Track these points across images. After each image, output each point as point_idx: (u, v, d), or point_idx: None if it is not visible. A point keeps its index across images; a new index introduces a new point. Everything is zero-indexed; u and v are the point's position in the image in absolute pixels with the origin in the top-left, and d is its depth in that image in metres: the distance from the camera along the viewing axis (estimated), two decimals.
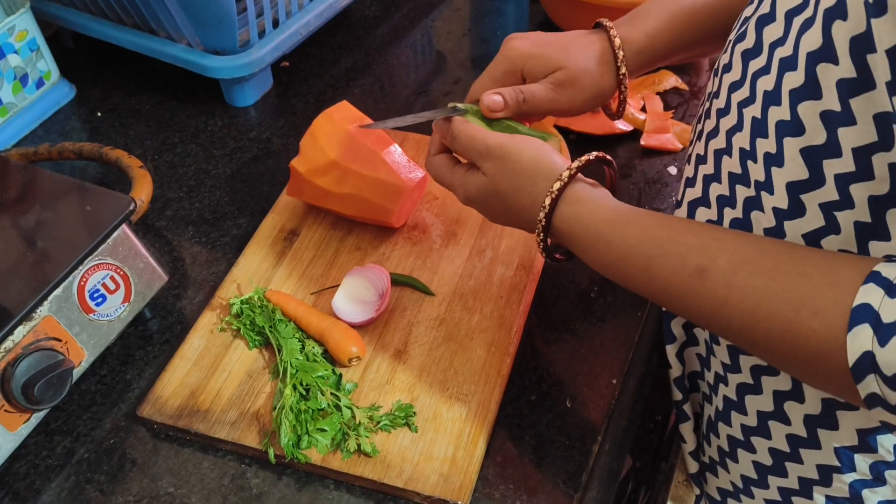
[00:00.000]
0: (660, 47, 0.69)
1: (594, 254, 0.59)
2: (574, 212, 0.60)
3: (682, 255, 0.54)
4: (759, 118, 0.54)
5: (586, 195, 0.60)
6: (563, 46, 0.69)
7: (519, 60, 0.69)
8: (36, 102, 0.99)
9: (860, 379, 0.44)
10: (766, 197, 0.54)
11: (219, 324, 0.74)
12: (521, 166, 0.62)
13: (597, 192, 0.61)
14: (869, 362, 0.43)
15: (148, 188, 0.79)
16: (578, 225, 0.59)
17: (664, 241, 0.55)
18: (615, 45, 0.68)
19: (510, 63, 0.69)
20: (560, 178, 0.60)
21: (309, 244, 0.81)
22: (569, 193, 0.60)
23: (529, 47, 0.69)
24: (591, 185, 0.61)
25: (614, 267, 0.58)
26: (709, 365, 0.69)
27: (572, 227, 0.60)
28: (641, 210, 0.59)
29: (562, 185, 0.59)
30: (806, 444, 0.61)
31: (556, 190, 0.59)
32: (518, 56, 0.69)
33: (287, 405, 0.65)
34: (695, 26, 0.69)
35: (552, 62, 0.68)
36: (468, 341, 0.72)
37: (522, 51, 0.69)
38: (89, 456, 0.67)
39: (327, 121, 0.78)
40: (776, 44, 0.53)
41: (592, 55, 0.69)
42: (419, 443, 0.65)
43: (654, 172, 0.91)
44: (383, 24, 1.16)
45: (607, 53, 0.69)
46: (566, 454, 0.66)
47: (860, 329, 0.44)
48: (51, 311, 0.65)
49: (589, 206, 0.59)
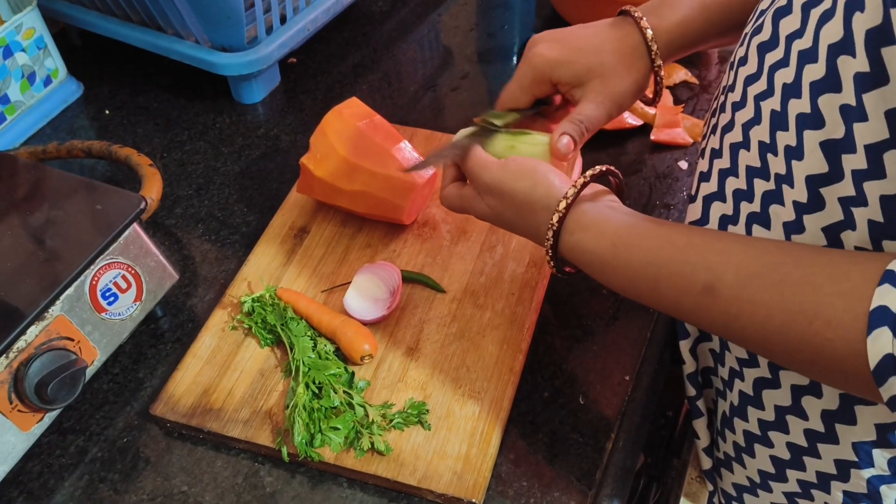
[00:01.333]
0: (691, 36, 0.68)
1: (602, 278, 0.60)
2: (577, 241, 0.59)
3: (687, 274, 0.53)
4: (779, 111, 0.53)
5: (588, 220, 0.59)
6: (593, 49, 0.67)
7: (547, 68, 0.68)
8: (43, 101, 0.99)
9: (882, 381, 0.43)
10: (786, 190, 0.53)
11: (230, 322, 0.74)
12: (518, 199, 0.62)
13: (600, 213, 0.59)
14: (891, 364, 0.42)
15: (158, 186, 0.79)
16: (583, 254, 0.59)
17: (668, 262, 0.55)
18: (647, 38, 0.67)
19: (537, 72, 0.68)
20: (557, 210, 0.59)
21: (319, 242, 0.81)
22: (570, 223, 0.60)
23: (557, 54, 0.68)
24: (593, 205, 0.60)
25: (624, 289, 0.59)
26: (723, 360, 0.68)
27: (577, 255, 0.60)
28: (645, 225, 0.58)
29: (560, 217, 0.59)
30: (823, 439, 0.60)
31: (555, 223, 0.59)
32: (545, 64, 0.68)
33: (300, 403, 0.65)
34: (724, 14, 0.67)
35: (584, 69, 0.67)
36: (480, 338, 0.72)
37: (550, 58, 0.68)
38: (102, 455, 0.67)
39: (337, 117, 0.78)
40: (794, 36, 0.52)
41: (625, 52, 0.67)
42: (432, 441, 0.65)
43: (664, 167, 0.90)
44: (390, 20, 1.16)
45: (639, 46, 0.67)
46: (580, 451, 0.66)
47: (880, 332, 0.43)
48: (63, 311, 0.65)
49: (592, 234, 0.59)
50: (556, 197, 0.60)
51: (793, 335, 0.48)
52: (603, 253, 0.58)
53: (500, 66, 1.08)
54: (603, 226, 0.59)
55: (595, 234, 0.58)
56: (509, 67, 1.08)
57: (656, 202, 0.86)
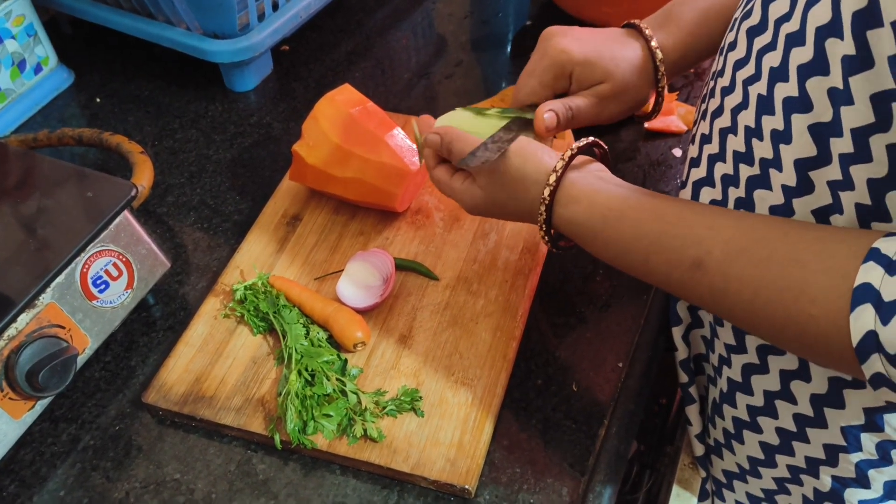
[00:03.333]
0: (695, 51, 0.70)
1: (594, 249, 0.60)
2: (570, 213, 0.60)
3: (677, 249, 0.53)
4: (766, 95, 0.53)
5: (578, 192, 0.59)
6: (611, 54, 0.69)
7: (569, 65, 0.69)
8: (34, 88, 0.98)
9: (864, 359, 0.43)
10: (774, 174, 0.54)
11: (222, 310, 0.74)
12: (509, 176, 0.62)
13: (591, 185, 0.60)
14: (872, 342, 0.43)
15: (149, 174, 0.79)
16: (576, 226, 0.60)
17: (659, 236, 0.55)
18: (657, 58, 0.69)
19: (561, 68, 0.69)
20: (549, 184, 0.59)
21: (312, 229, 0.81)
22: (561, 196, 0.60)
23: (583, 54, 0.68)
24: (583, 176, 0.60)
25: (616, 261, 0.59)
26: (713, 347, 0.68)
27: (570, 227, 0.60)
28: (636, 198, 0.58)
29: (551, 190, 0.59)
30: (812, 423, 0.61)
31: (547, 196, 0.60)
32: (569, 61, 0.68)
33: (292, 391, 0.65)
34: (726, 25, 0.68)
35: (600, 73, 0.68)
36: (473, 326, 0.72)
37: (575, 57, 0.68)
38: (95, 443, 0.67)
39: (329, 104, 0.77)
40: (782, 20, 0.52)
41: (635, 66, 0.69)
42: (425, 428, 0.65)
43: (658, 155, 0.90)
44: (384, 7, 1.15)
45: (647, 63, 0.69)
46: (573, 438, 0.66)
47: (862, 309, 0.43)
48: (54, 299, 0.65)
49: (583, 206, 0.59)
50: (545, 171, 0.60)
51: (778, 312, 0.48)
52: (594, 225, 0.58)
53: (494, 54, 1.08)
54: (594, 197, 0.59)
55: (586, 206, 0.59)
56: (504, 55, 1.08)
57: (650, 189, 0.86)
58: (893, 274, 0.42)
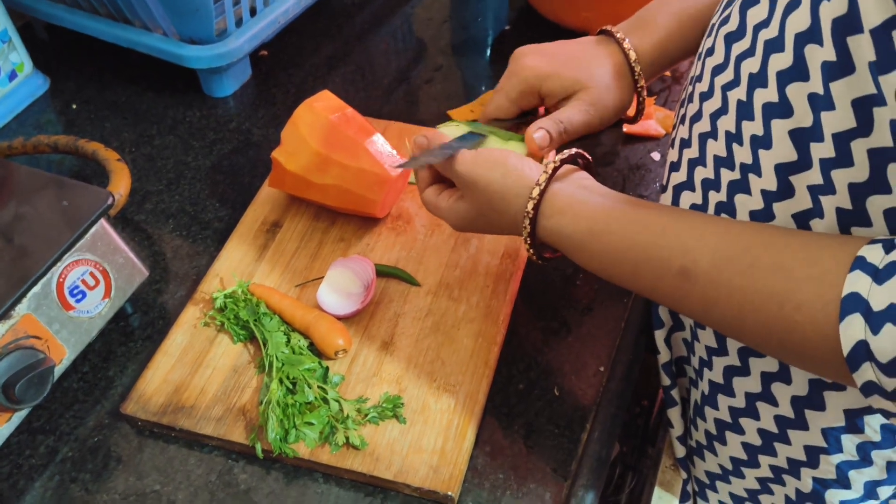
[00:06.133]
0: (670, 54, 0.70)
1: (581, 261, 0.60)
2: (554, 225, 0.59)
3: (664, 259, 0.53)
4: (745, 101, 0.54)
5: (563, 204, 0.59)
6: (579, 64, 0.68)
7: (536, 81, 0.68)
8: (9, 95, 0.97)
9: (856, 368, 0.43)
10: (753, 179, 0.54)
11: (202, 318, 0.73)
12: (491, 190, 0.62)
13: (574, 197, 0.59)
14: (863, 351, 0.43)
15: (126, 181, 0.78)
16: (562, 238, 0.59)
17: (646, 247, 0.55)
18: (630, 59, 0.69)
19: (526, 84, 0.69)
20: (532, 197, 0.59)
21: (292, 236, 0.80)
22: (545, 208, 0.60)
23: (546, 66, 0.68)
24: (566, 186, 0.60)
25: (603, 272, 0.59)
26: (693, 350, 0.69)
27: (556, 239, 0.60)
28: (621, 208, 0.58)
29: (535, 203, 0.59)
30: (793, 424, 0.61)
31: (531, 210, 0.59)
32: (534, 76, 0.68)
33: (274, 399, 0.65)
34: (700, 27, 0.69)
35: (572, 82, 0.68)
36: (455, 332, 0.72)
37: (539, 70, 0.68)
38: (73, 454, 0.66)
39: (309, 110, 0.77)
40: (760, 26, 0.52)
41: (610, 70, 0.69)
42: (408, 435, 0.65)
43: (637, 159, 0.91)
44: (363, 12, 1.15)
45: (623, 67, 0.69)
46: (555, 442, 0.66)
47: (852, 318, 0.43)
48: (29, 309, 0.64)
49: (568, 218, 0.59)
50: (527, 185, 0.60)
51: (764, 319, 0.48)
52: (581, 237, 0.58)
53: (473, 59, 1.08)
54: (578, 209, 0.59)
55: (571, 218, 0.59)
56: (483, 60, 1.08)
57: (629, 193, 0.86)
58: (881, 283, 0.42)
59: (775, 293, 0.47)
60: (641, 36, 0.70)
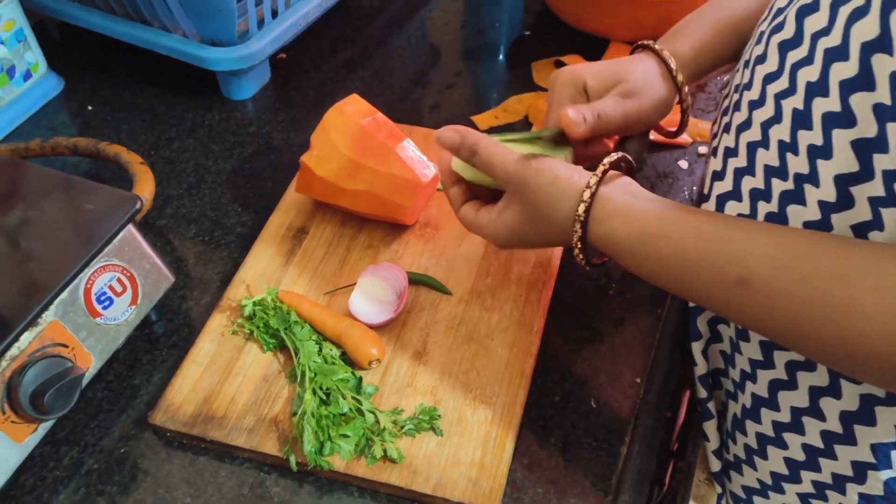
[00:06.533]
0: (705, 59, 0.71)
1: (632, 266, 0.59)
2: (605, 230, 0.58)
3: (719, 265, 0.52)
4: (802, 110, 0.53)
5: (614, 208, 0.58)
6: (617, 64, 0.70)
7: (580, 79, 0.69)
8: (23, 96, 0.95)
9: None
10: (809, 190, 0.53)
11: (230, 326, 0.71)
12: (541, 192, 0.61)
13: (624, 201, 0.58)
14: None
15: (150, 185, 0.76)
16: (612, 242, 0.58)
17: (700, 253, 0.54)
18: (664, 57, 0.69)
19: (572, 86, 0.69)
20: (583, 200, 0.58)
21: (319, 242, 0.78)
22: (596, 212, 0.59)
23: (586, 67, 0.70)
24: (615, 191, 0.59)
25: (654, 278, 0.58)
26: (734, 362, 0.68)
27: (607, 244, 0.59)
28: (672, 213, 0.57)
29: (586, 206, 0.58)
30: (841, 440, 0.60)
31: (582, 213, 0.58)
32: (578, 76, 0.69)
33: (308, 410, 0.63)
34: (736, 35, 0.70)
35: (612, 75, 0.69)
36: (489, 341, 0.70)
37: (579, 72, 0.69)
38: (99, 466, 0.64)
39: (339, 115, 0.76)
40: (820, 34, 0.51)
41: (648, 69, 0.70)
42: (445, 447, 0.63)
43: (664, 167, 0.90)
44: (381, 15, 1.13)
45: (663, 70, 0.70)
46: (594, 455, 0.65)
47: None
48: (57, 316, 0.62)
49: (618, 222, 0.58)
50: (577, 189, 0.59)
51: (827, 330, 0.47)
52: (633, 241, 0.57)
53: (493, 64, 1.07)
54: (629, 213, 0.58)
55: (622, 222, 0.57)
56: (501, 65, 1.07)
57: None
58: None
59: (838, 303, 0.46)
60: (675, 44, 0.71)
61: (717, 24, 0.71)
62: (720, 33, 0.71)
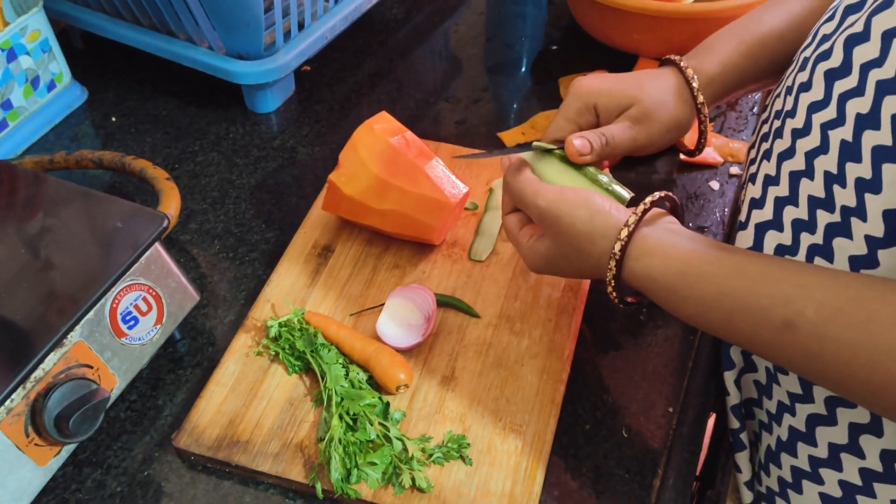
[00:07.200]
0: (731, 77, 0.69)
1: (671, 307, 0.57)
2: (643, 267, 0.57)
3: (765, 308, 0.51)
4: (850, 142, 0.51)
5: (653, 246, 0.57)
6: (635, 82, 0.68)
7: (590, 98, 0.68)
8: (47, 106, 0.94)
9: None
10: (856, 223, 0.51)
11: (255, 347, 0.70)
12: (576, 227, 0.60)
13: (664, 240, 0.57)
14: None
15: (176, 201, 0.75)
16: (651, 281, 0.57)
17: (743, 294, 0.52)
18: (688, 76, 0.68)
19: (582, 102, 0.68)
20: (620, 239, 0.57)
21: (345, 261, 0.77)
22: (634, 249, 0.58)
23: (600, 84, 0.68)
24: (655, 230, 0.58)
25: (694, 319, 0.56)
26: (770, 394, 0.66)
27: (643, 282, 0.58)
28: (714, 253, 0.55)
29: (623, 244, 0.57)
30: (881, 478, 0.58)
31: (618, 251, 0.57)
32: (589, 93, 0.68)
33: (336, 437, 0.62)
34: (765, 54, 0.68)
35: (625, 97, 0.67)
36: (518, 368, 0.69)
37: (593, 88, 0.68)
38: (122, 489, 0.63)
39: (368, 133, 0.74)
40: (871, 65, 0.50)
41: (666, 88, 0.68)
42: (474, 477, 0.62)
43: (695, 187, 0.88)
44: (405, 28, 1.12)
45: (681, 86, 0.68)
46: (626, 488, 0.63)
47: None
48: (82, 336, 0.61)
49: (658, 260, 0.57)
50: (615, 225, 0.58)
51: (879, 377, 0.46)
52: (672, 281, 0.56)
53: (520, 79, 1.05)
54: (668, 252, 0.56)
55: (661, 261, 0.56)
56: (529, 80, 1.05)
57: (689, 224, 0.84)
58: None
59: (894, 349, 0.45)
60: (702, 59, 0.70)
61: (745, 42, 0.70)
62: (749, 51, 0.69)
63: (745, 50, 0.69)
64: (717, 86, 0.69)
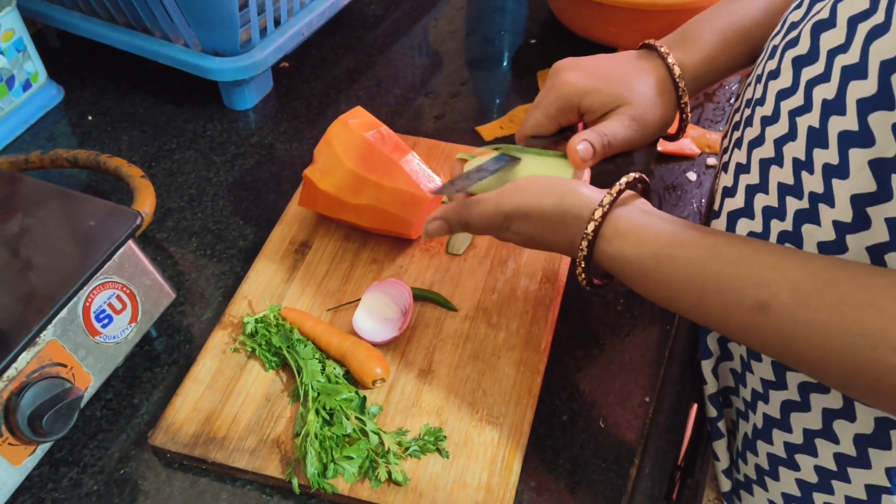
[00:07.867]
0: (715, 70, 0.68)
1: (643, 289, 0.57)
2: (616, 249, 0.57)
3: (737, 290, 0.51)
4: (817, 128, 0.51)
5: (625, 227, 0.57)
6: (621, 79, 0.67)
7: (576, 97, 0.67)
8: (22, 106, 0.94)
9: None
10: (824, 209, 0.52)
11: (231, 343, 0.70)
12: (547, 216, 0.60)
13: (636, 220, 0.57)
14: None
15: (151, 199, 0.75)
16: (622, 263, 0.57)
17: (716, 276, 0.52)
18: (675, 74, 0.67)
19: (566, 100, 0.67)
20: (593, 219, 0.57)
21: (322, 257, 0.77)
22: (606, 230, 0.57)
23: (587, 82, 0.66)
24: (628, 211, 0.58)
25: (666, 302, 0.56)
26: (745, 381, 0.66)
27: (615, 264, 0.58)
28: (688, 234, 0.55)
29: (596, 225, 0.57)
30: (855, 463, 0.59)
31: (590, 231, 0.57)
32: (574, 92, 0.66)
33: (312, 432, 0.62)
34: (745, 44, 0.68)
35: (613, 97, 0.66)
36: (495, 360, 0.69)
37: (579, 86, 0.66)
38: (98, 488, 0.63)
39: (343, 128, 0.74)
40: (837, 51, 0.50)
41: (653, 86, 0.67)
42: (451, 469, 0.62)
43: (672, 178, 0.89)
44: (384, 23, 1.12)
45: (667, 83, 0.67)
46: (603, 478, 0.64)
47: None
48: (55, 335, 0.61)
49: (631, 242, 0.56)
50: (587, 206, 0.58)
51: (851, 359, 0.46)
52: (645, 263, 0.56)
53: (499, 73, 1.05)
54: (642, 233, 0.56)
55: (634, 243, 0.56)
56: (508, 74, 1.05)
57: None
58: None
59: (867, 332, 0.45)
60: (686, 51, 0.69)
61: (725, 32, 0.69)
62: (729, 42, 0.69)
63: (728, 43, 0.69)
64: (700, 80, 0.69)
